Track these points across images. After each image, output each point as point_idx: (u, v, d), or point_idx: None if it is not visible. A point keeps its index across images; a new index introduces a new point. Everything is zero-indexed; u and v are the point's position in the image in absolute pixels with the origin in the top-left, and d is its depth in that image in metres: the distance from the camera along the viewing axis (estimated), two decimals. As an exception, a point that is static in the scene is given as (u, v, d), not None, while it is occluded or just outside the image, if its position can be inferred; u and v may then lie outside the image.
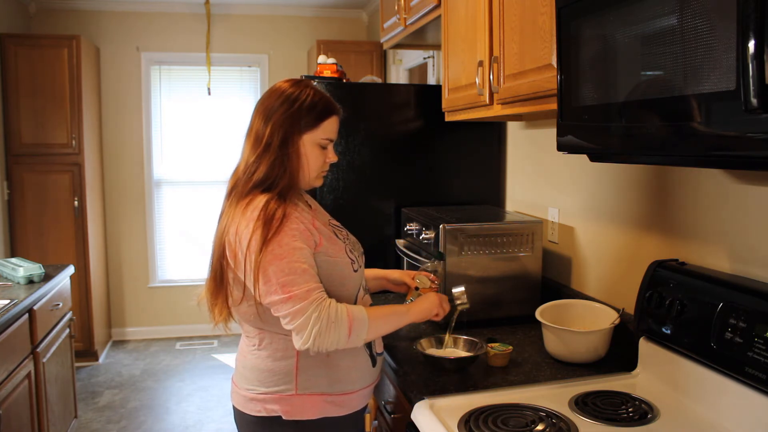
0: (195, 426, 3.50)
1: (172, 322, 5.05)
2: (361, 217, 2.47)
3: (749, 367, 1.17)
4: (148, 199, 4.99)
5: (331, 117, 1.47)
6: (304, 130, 1.44)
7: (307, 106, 1.43)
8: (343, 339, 1.35)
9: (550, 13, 1.44)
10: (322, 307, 1.33)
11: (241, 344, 1.56)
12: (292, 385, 1.44)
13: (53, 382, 2.81)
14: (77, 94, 4.23)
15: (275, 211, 1.36)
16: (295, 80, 1.50)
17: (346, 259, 1.47)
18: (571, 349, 1.61)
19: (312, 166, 1.47)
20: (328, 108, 1.47)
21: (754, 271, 1.34)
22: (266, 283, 1.34)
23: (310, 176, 1.49)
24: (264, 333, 1.46)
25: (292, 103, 1.43)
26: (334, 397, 1.46)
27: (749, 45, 0.80)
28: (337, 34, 5.10)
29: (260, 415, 1.46)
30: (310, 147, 1.45)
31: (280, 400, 1.44)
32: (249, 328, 1.49)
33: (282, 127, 1.42)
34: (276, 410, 1.44)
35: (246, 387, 1.49)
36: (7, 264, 2.84)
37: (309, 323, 1.31)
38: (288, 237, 1.35)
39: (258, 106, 1.48)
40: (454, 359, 1.57)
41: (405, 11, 2.58)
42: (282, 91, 1.45)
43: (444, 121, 2.30)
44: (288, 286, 1.33)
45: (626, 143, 1.14)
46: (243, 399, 1.49)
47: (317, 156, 1.47)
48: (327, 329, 1.32)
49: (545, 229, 2.19)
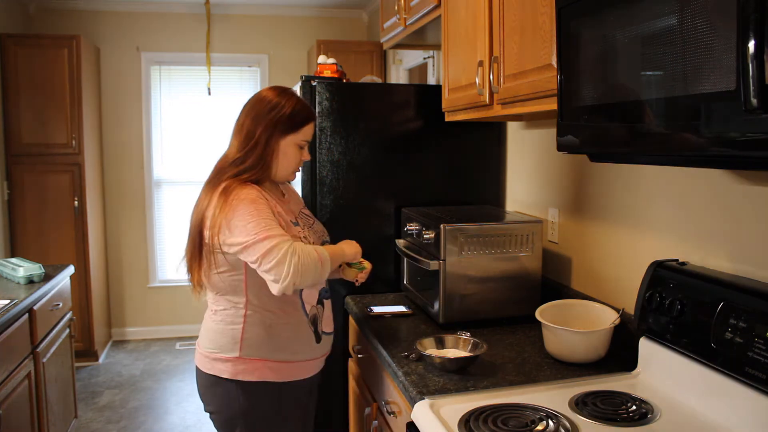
0: (195, 426, 3.50)
1: (172, 322, 5.05)
2: (361, 217, 2.47)
3: (749, 367, 1.17)
4: (148, 199, 4.99)
5: (309, 123, 1.76)
6: (287, 133, 1.72)
7: (291, 113, 1.71)
8: (317, 273, 1.59)
9: (550, 13, 1.44)
10: (293, 247, 1.56)
11: (206, 312, 1.80)
12: (237, 348, 1.68)
13: (53, 382, 2.81)
14: (77, 94, 4.23)
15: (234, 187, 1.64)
16: (281, 89, 1.77)
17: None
18: (571, 349, 1.61)
19: (290, 162, 1.75)
20: (307, 115, 1.75)
21: (754, 271, 1.34)
22: (240, 230, 1.56)
23: (287, 171, 1.77)
24: (221, 301, 1.70)
25: (279, 110, 1.71)
26: (273, 363, 1.69)
27: (749, 45, 0.80)
28: (337, 34, 5.10)
29: (210, 373, 1.71)
30: (291, 147, 1.74)
31: (226, 361, 1.68)
32: (212, 296, 1.74)
33: (269, 129, 1.70)
34: (222, 369, 1.69)
35: (202, 346, 1.75)
36: (7, 264, 2.84)
37: (287, 258, 1.53)
38: (255, 202, 1.61)
39: (249, 110, 1.74)
40: (454, 359, 1.57)
41: (405, 11, 2.58)
42: (270, 99, 1.72)
43: (444, 121, 2.30)
44: (264, 229, 1.56)
45: (626, 143, 1.14)
46: (200, 356, 1.76)
47: (295, 154, 1.75)
48: (303, 266, 1.54)
49: (545, 229, 2.19)
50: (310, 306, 1.75)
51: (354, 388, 2.28)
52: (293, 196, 1.93)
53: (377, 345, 1.82)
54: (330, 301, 1.86)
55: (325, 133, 2.41)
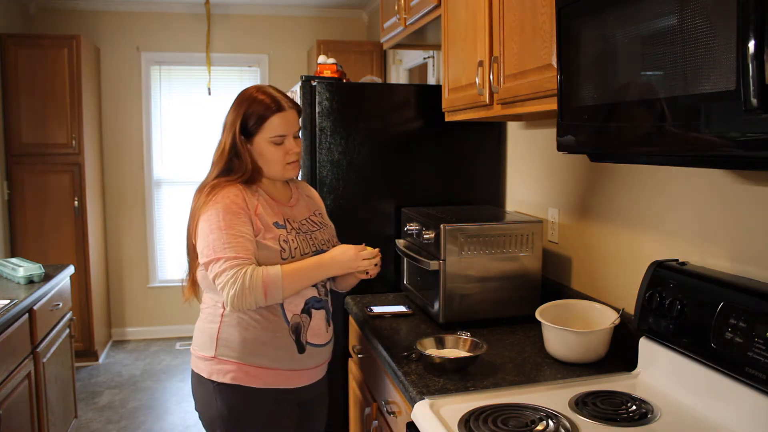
0: (195, 426, 3.50)
1: (172, 322, 5.05)
2: (361, 217, 2.47)
3: (749, 367, 1.17)
4: (148, 199, 4.99)
5: (274, 116, 1.63)
6: (252, 133, 1.64)
7: (250, 109, 1.63)
8: (260, 300, 1.55)
9: (550, 13, 1.44)
10: (239, 273, 1.52)
11: None
12: (213, 347, 1.64)
13: (53, 382, 2.81)
14: (77, 94, 4.23)
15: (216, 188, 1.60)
16: (249, 88, 1.70)
17: (276, 245, 1.63)
18: (571, 349, 1.61)
19: (272, 161, 1.66)
20: (270, 107, 1.63)
21: (754, 271, 1.34)
22: (204, 244, 1.57)
23: (275, 170, 1.68)
24: (206, 299, 1.70)
25: (239, 109, 1.65)
26: (248, 367, 1.63)
27: (749, 45, 0.80)
28: (337, 34, 5.10)
29: (194, 371, 1.70)
30: (265, 145, 1.65)
31: (204, 360, 1.66)
32: (202, 295, 1.73)
33: (231, 133, 1.64)
34: (201, 368, 1.66)
35: (192, 344, 1.74)
36: (7, 264, 2.84)
37: (227, 287, 1.53)
38: (226, 211, 1.57)
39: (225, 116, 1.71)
40: (454, 359, 1.57)
41: (405, 11, 2.58)
42: (235, 102, 1.67)
43: (444, 121, 2.30)
44: (218, 250, 1.54)
45: (626, 143, 1.14)
46: (191, 355, 1.74)
47: (274, 152, 1.65)
48: (242, 293, 1.52)
49: (545, 229, 2.19)
50: (291, 314, 1.65)
51: (354, 388, 2.28)
52: (306, 201, 1.83)
53: (377, 345, 1.82)
54: (323, 311, 1.73)
55: (325, 133, 2.41)
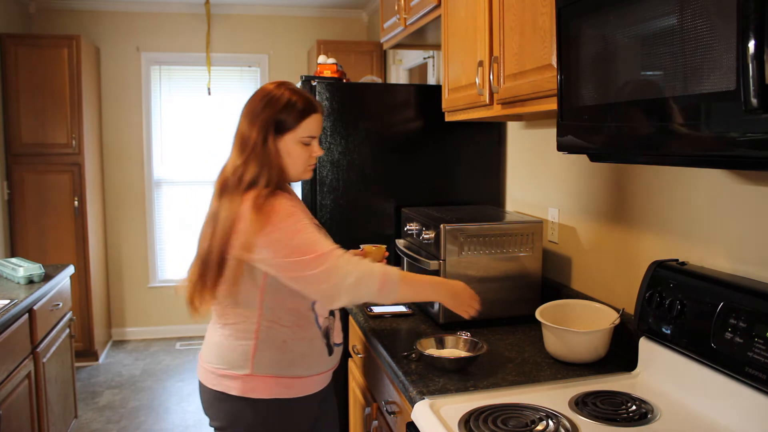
0: (195, 426, 3.50)
1: (172, 322, 5.05)
2: (361, 217, 2.47)
3: (749, 367, 1.17)
4: (148, 199, 4.99)
5: (310, 116, 1.58)
6: (284, 131, 1.56)
7: (286, 107, 1.55)
8: (373, 293, 1.49)
9: (550, 13, 1.44)
10: (351, 261, 1.48)
11: (210, 324, 1.68)
12: (248, 365, 1.56)
13: (53, 382, 2.81)
14: (77, 94, 4.23)
15: (266, 201, 1.49)
16: (278, 82, 1.61)
17: None
18: (571, 349, 1.61)
19: (297, 162, 1.60)
20: (306, 108, 1.57)
21: (754, 271, 1.34)
22: (289, 251, 1.46)
23: (297, 171, 1.62)
24: (231, 315, 1.58)
25: (272, 105, 1.55)
26: (286, 380, 1.58)
27: (749, 45, 0.80)
28: (337, 34, 5.10)
29: (216, 389, 1.59)
30: (293, 145, 1.57)
31: (236, 378, 1.56)
32: (219, 309, 1.60)
33: (264, 128, 1.54)
34: (231, 387, 1.56)
35: (207, 361, 1.62)
36: (7, 264, 2.84)
37: (344, 277, 1.46)
38: (293, 216, 1.50)
39: (245, 111, 1.59)
40: (454, 359, 1.57)
41: (405, 11, 2.58)
42: (264, 94, 1.57)
43: (444, 121, 2.30)
44: (312, 248, 1.46)
45: (626, 143, 1.14)
46: (204, 372, 1.63)
47: (300, 153, 1.59)
48: (359, 282, 1.47)
49: (545, 229, 2.19)
50: (323, 318, 1.64)
51: (354, 388, 2.28)
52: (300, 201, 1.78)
53: (377, 345, 1.82)
54: (337, 310, 1.74)
55: (325, 133, 2.41)
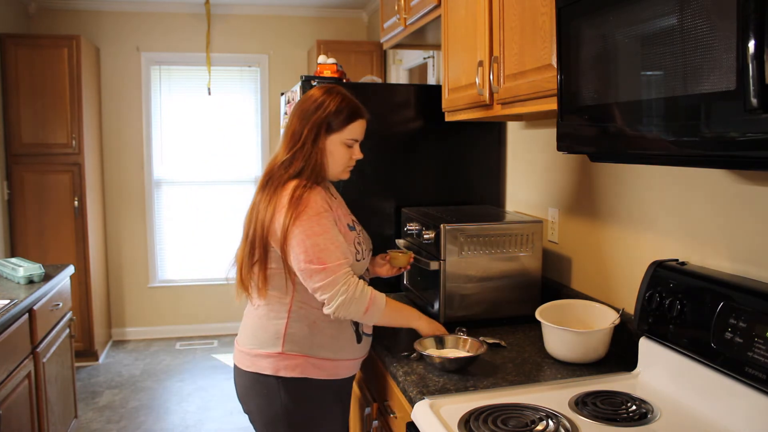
0: (195, 426, 3.50)
1: (172, 322, 5.05)
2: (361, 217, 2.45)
3: (749, 367, 1.17)
4: (148, 199, 4.99)
5: (356, 121, 1.73)
6: (332, 132, 1.70)
7: (336, 111, 1.70)
8: (359, 314, 1.62)
9: (550, 13, 1.44)
10: (350, 282, 1.59)
11: (245, 310, 1.79)
12: (279, 342, 1.66)
13: (53, 382, 2.81)
14: (77, 94, 4.23)
15: (303, 194, 1.63)
16: (328, 87, 1.77)
17: (353, 248, 1.70)
18: (571, 349, 1.61)
19: (338, 161, 1.73)
20: (353, 114, 1.73)
21: (754, 271, 1.34)
22: (304, 253, 1.59)
23: (337, 170, 1.75)
24: (271, 296, 1.69)
25: (324, 109, 1.70)
26: (315, 360, 1.67)
27: (749, 45, 0.80)
28: (337, 34, 5.11)
29: (250, 371, 1.69)
30: (337, 146, 1.72)
31: (268, 357, 1.67)
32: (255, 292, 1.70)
33: (314, 128, 1.69)
34: (264, 366, 1.67)
35: (242, 344, 1.74)
36: (7, 264, 2.84)
37: (337, 294, 1.57)
38: (320, 216, 1.62)
39: (295, 109, 1.75)
40: (454, 359, 1.57)
41: (405, 11, 2.58)
42: (317, 98, 1.73)
43: (444, 121, 2.30)
44: (323, 258, 1.58)
45: (626, 143, 1.14)
46: (240, 354, 1.74)
47: (343, 153, 1.73)
48: (349, 302, 1.58)
49: (545, 229, 2.19)
50: None
51: (354, 388, 2.27)
52: (339, 197, 1.88)
53: (377, 345, 1.82)
54: None
55: (325, 133, 2.40)
